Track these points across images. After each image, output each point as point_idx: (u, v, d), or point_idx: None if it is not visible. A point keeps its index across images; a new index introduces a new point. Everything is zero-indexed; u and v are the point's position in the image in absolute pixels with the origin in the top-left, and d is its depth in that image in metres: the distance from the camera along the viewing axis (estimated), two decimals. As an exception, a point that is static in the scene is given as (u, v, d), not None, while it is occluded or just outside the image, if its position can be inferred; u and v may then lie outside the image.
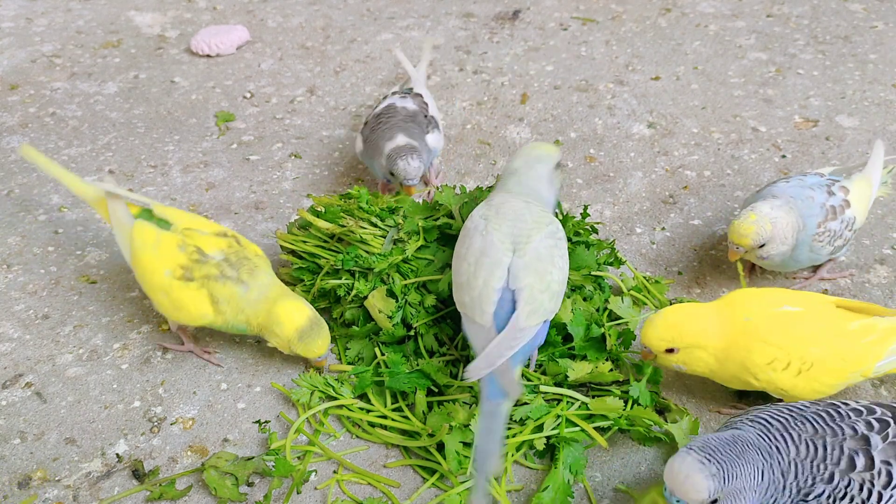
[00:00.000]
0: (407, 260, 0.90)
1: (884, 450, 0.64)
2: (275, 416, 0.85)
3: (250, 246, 0.89)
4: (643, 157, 1.22)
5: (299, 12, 1.68)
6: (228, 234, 0.89)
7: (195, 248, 0.85)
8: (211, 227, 0.89)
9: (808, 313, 0.78)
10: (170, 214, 0.89)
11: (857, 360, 0.77)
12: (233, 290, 0.83)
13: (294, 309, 0.84)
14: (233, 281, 0.84)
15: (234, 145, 1.29)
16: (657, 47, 1.50)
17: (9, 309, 0.99)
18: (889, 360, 0.77)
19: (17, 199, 1.18)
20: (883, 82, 1.35)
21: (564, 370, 0.82)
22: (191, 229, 0.87)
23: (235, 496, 0.76)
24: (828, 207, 0.90)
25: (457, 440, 0.77)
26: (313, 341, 0.83)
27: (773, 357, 0.75)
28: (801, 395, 0.77)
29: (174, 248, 0.85)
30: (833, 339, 0.76)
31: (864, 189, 0.94)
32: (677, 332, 0.77)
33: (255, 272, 0.85)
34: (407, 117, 1.06)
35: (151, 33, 1.62)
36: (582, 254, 0.91)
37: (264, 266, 0.87)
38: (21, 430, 0.84)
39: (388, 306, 0.86)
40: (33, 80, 1.46)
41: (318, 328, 0.84)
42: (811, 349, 0.75)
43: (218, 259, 0.85)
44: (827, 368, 0.76)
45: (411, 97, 1.11)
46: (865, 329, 0.77)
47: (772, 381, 0.76)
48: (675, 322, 0.77)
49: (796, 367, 0.75)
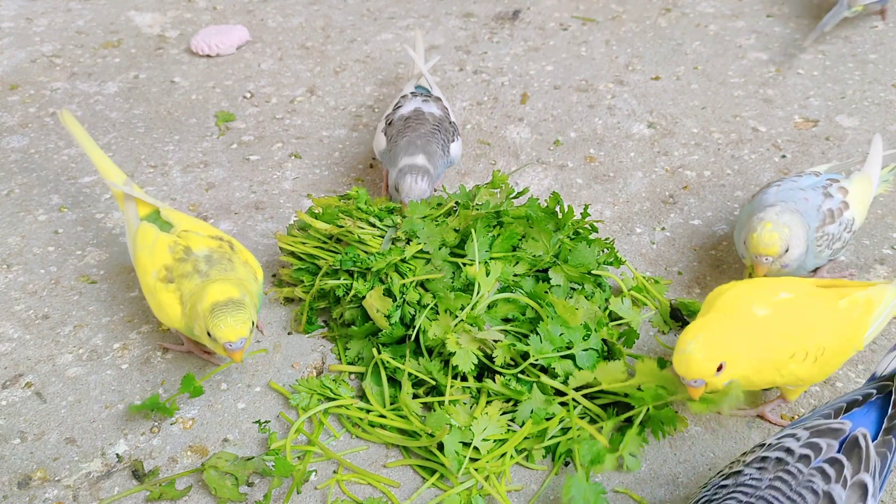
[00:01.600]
0: (405, 259, 0.90)
1: (848, 497, 0.62)
2: (275, 416, 0.85)
3: (242, 252, 0.88)
4: (643, 157, 1.22)
5: (299, 12, 1.68)
6: (224, 238, 0.88)
7: (184, 247, 0.85)
8: (210, 230, 0.89)
9: (804, 299, 0.78)
10: (175, 218, 0.90)
11: (854, 337, 0.78)
12: (194, 283, 0.82)
13: (222, 288, 0.79)
14: (200, 275, 0.82)
15: (234, 145, 1.29)
16: (657, 47, 1.50)
17: (9, 309, 0.99)
18: (872, 329, 0.79)
19: (17, 199, 1.18)
20: (883, 82, 1.35)
21: (568, 373, 0.82)
22: (188, 231, 0.87)
23: (235, 496, 0.76)
24: (825, 211, 0.89)
25: (456, 440, 0.77)
26: (223, 317, 0.77)
27: (793, 351, 0.75)
28: (813, 380, 0.77)
29: (165, 250, 0.85)
30: (833, 321, 0.77)
31: (863, 188, 0.93)
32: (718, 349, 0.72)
33: (226, 273, 0.83)
34: (434, 127, 1.05)
35: (151, 33, 1.62)
36: (582, 252, 0.91)
37: (243, 270, 0.85)
38: (21, 430, 0.84)
39: (385, 305, 0.86)
40: (33, 80, 1.46)
41: (234, 309, 0.78)
42: (821, 336, 0.76)
43: (200, 256, 0.84)
44: (836, 351, 0.77)
45: (433, 101, 1.11)
46: (852, 305, 0.79)
47: (794, 374, 0.76)
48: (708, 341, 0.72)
49: (813, 356, 0.75)
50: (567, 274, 0.91)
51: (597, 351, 0.84)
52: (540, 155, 1.24)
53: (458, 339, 0.82)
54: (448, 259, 0.91)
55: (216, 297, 0.78)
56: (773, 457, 0.64)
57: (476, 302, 0.86)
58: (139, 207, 0.92)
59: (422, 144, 1.02)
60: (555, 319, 0.84)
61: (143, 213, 0.92)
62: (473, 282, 0.88)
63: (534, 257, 0.92)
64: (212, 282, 0.81)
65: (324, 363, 0.91)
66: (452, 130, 1.08)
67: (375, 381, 0.86)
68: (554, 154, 1.24)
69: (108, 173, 0.95)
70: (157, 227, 0.88)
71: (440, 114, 1.08)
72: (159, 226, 0.89)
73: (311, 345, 0.93)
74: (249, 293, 0.82)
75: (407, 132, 1.04)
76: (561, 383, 0.81)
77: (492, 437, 0.78)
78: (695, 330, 0.73)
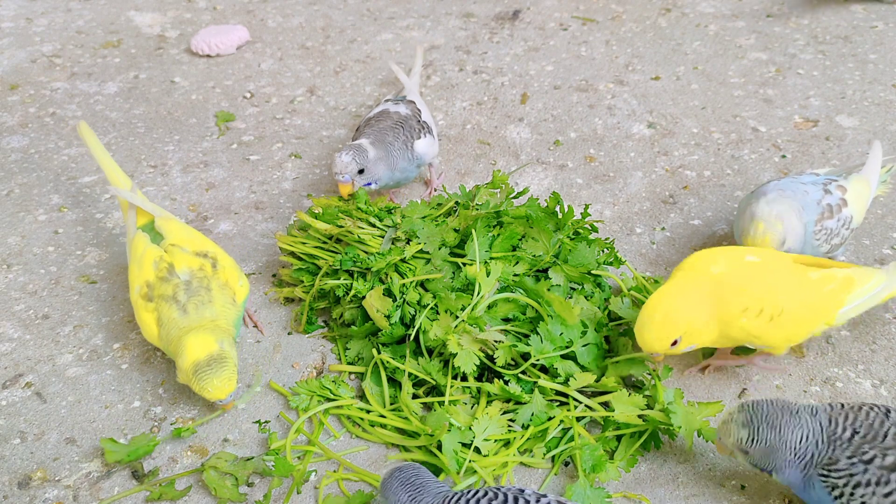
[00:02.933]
0: (405, 259, 0.90)
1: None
2: (275, 416, 0.85)
3: (225, 272, 0.87)
4: (643, 157, 1.22)
5: (299, 12, 1.68)
6: (209, 254, 0.87)
7: (168, 264, 0.84)
8: (197, 245, 0.88)
9: (770, 264, 0.81)
10: (166, 229, 0.89)
11: (822, 309, 0.79)
12: (172, 314, 0.82)
13: (200, 342, 0.79)
14: (178, 305, 0.82)
15: (234, 145, 1.29)
16: (657, 47, 1.50)
17: (9, 309, 0.99)
18: (851, 307, 0.80)
19: (17, 199, 1.18)
20: (883, 82, 1.35)
21: (569, 374, 0.82)
22: (175, 245, 0.87)
23: (235, 496, 0.76)
24: (824, 206, 0.90)
25: (455, 440, 0.77)
26: (209, 380, 0.77)
27: (745, 305, 0.77)
28: (773, 343, 0.79)
29: (150, 264, 0.85)
30: (798, 288, 0.79)
31: (861, 188, 0.94)
32: (672, 325, 0.77)
33: (202, 306, 0.82)
34: (396, 123, 1.06)
35: (151, 33, 1.62)
36: (582, 252, 0.91)
37: (221, 297, 0.84)
38: (21, 430, 0.84)
39: (385, 305, 0.86)
40: (33, 80, 1.46)
41: (217, 367, 0.78)
42: (780, 296, 0.77)
43: (181, 279, 0.83)
44: (795, 316, 0.78)
45: (404, 104, 1.11)
46: (825, 278, 0.80)
47: (746, 329, 0.78)
48: (663, 318, 0.77)
49: (768, 314, 0.77)
50: (567, 274, 0.91)
51: (597, 346, 0.84)
52: (540, 155, 1.24)
53: (460, 341, 0.82)
54: (448, 259, 0.91)
55: (196, 355, 0.78)
56: None
57: (476, 302, 0.86)
58: (139, 216, 0.92)
59: (372, 133, 1.03)
60: (555, 319, 0.84)
61: (141, 222, 0.92)
62: (473, 282, 0.88)
63: (534, 257, 0.92)
64: (189, 333, 0.80)
65: (324, 363, 0.91)
66: (419, 129, 1.07)
67: (375, 381, 0.86)
68: (554, 154, 1.24)
69: (117, 181, 0.96)
70: (149, 238, 0.89)
71: (406, 112, 1.08)
72: (152, 237, 0.89)
73: (311, 345, 0.93)
74: (226, 331, 0.82)
75: (366, 129, 1.05)
76: (562, 384, 0.81)
77: (493, 438, 0.78)
78: (653, 303, 0.78)
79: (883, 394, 0.85)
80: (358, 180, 0.99)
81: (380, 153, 1.00)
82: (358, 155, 0.98)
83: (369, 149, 0.99)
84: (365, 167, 0.98)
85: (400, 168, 1.03)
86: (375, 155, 1.00)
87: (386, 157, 1.01)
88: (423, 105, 1.15)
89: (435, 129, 1.12)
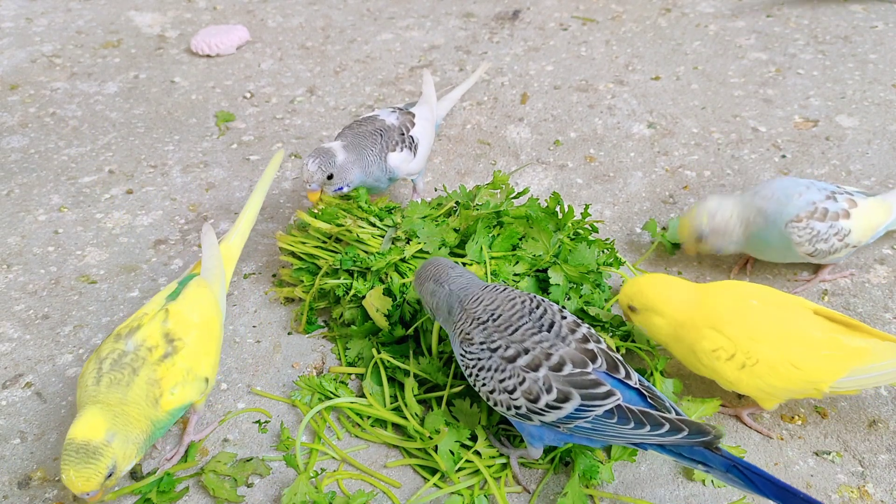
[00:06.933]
0: (405, 259, 0.90)
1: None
2: (275, 416, 0.85)
3: (168, 371, 0.74)
4: (643, 157, 1.22)
5: (299, 12, 1.68)
6: (177, 338, 0.76)
7: (135, 327, 0.77)
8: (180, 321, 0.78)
9: (771, 311, 0.76)
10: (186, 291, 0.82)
11: (812, 371, 0.74)
12: (88, 376, 0.73)
13: (88, 422, 0.69)
14: (98, 372, 0.73)
15: (234, 145, 1.29)
16: (657, 47, 1.50)
17: (9, 309, 0.99)
18: (855, 379, 0.74)
19: (17, 199, 1.18)
20: (883, 82, 1.35)
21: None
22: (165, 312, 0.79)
23: (234, 497, 0.76)
24: (818, 207, 0.90)
25: (452, 440, 0.77)
26: (66, 467, 0.67)
27: (718, 345, 0.75)
28: (744, 390, 0.76)
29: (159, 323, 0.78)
30: (788, 342, 0.74)
31: (876, 210, 0.93)
32: (639, 292, 0.79)
33: (115, 385, 0.72)
34: (376, 130, 1.02)
35: (151, 33, 1.62)
36: (582, 252, 0.91)
37: (141, 390, 0.72)
38: (21, 430, 0.84)
39: (385, 305, 0.86)
40: (33, 80, 1.46)
41: (83, 459, 0.67)
42: (759, 346, 0.74)
43: (124, 349, 0.74)
44: (774, 369, 0.74)
45: (399, 113, 1.06)
46: (830, 342, 0.74)
47: (714, 370, 0.76)
48: (643, 284, 0.79)
49: (740, 360, 0.74)
50: (567, 274, 0.91)
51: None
52: (540, 155, 1.24)
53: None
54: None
55: (74, 433, 0.68)
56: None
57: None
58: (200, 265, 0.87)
59: (349, 135, 1.01)
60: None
61: (197, 270, 0.87)
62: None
63: (534, 257, 0.92)
64: (90, 405, 0.70)
65: (324, 363, 0.91)
66: (398, 141, 1.02)
67: (375, 381, 0.86)
68: (554, 154, 1.24)
69: (248, 224, 0.94)
70: (167, 295, 0.82)
71: (393, 123, 1.04)
72: (174, 294, 0.82)
73: (311, 345, 0.93)
74: (133, 422, 0.71)
75: (347, 130, 1.03)
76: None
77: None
78: (650, 275, 0.83)
79: (883, 394, 0.85)
80: (327, 187, 0.96)
81: (351, 157, 0.97)
82: (324, 162, 0.95)
83: (339, 152, 0.97)
84: (333, 172, 0.95)
85: (374, 176, 1.00)
86: (346, 158, 0.97)
87: (359, 160, 0.98)
88: (426, 121, 1.08)
89: (425, 147, 1.07)
